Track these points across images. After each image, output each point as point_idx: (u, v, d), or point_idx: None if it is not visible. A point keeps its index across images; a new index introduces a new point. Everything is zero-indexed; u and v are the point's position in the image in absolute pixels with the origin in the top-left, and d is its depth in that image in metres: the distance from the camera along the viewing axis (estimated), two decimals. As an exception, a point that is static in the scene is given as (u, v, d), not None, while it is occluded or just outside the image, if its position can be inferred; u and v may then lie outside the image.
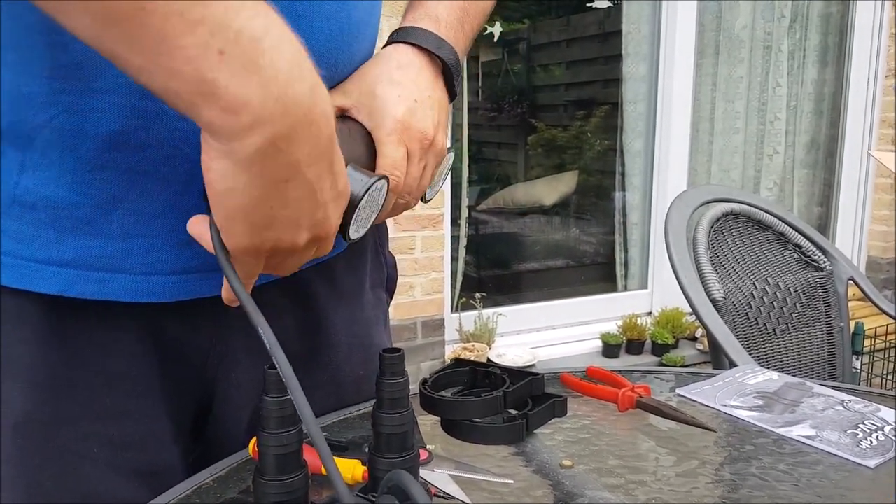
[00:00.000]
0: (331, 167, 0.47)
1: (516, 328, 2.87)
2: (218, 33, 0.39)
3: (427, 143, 0.62)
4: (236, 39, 0.39)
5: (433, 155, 0.63)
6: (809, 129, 3.43)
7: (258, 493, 0.48)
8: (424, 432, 0.63)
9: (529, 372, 0.63)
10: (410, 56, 0.63)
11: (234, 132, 0.42)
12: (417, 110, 0.61)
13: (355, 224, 0.55)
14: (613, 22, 3.07)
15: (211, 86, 0.40)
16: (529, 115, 3.61)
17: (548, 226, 3.60)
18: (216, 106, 0.40)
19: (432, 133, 0.62)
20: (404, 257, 2.51)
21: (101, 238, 0.55)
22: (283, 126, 0.42)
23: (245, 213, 0.45)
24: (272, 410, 0.47)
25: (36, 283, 0.55)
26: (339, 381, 0.71)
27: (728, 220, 1.56)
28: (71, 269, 0.55)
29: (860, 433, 0.66)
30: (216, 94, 0.40)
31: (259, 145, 0.42)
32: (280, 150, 0.43)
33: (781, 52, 3.24)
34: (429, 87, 0.63)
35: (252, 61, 0.40)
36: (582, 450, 0.64)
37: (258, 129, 0.42)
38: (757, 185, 3.35)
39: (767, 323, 1.52)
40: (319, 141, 0.45)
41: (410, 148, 0.61)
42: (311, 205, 0.47)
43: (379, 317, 0.77)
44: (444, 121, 0.64)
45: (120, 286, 0.56)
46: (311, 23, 0.57)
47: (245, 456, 0.61)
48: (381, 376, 0.51)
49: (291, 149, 0.43)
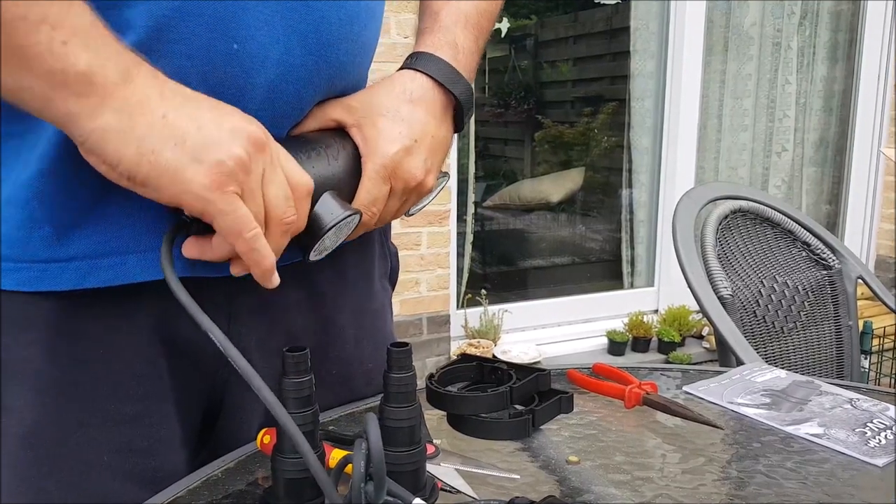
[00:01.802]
0: (197, 103, 0.49)
1: (522, 325, 2.86)
2: (58, 27, 0.43)
3: (413, 185, 0.62)
4: (74, 30, 0.44)
5: (416, 194, 0.64)
6: (818, 126, 3.41)
7: (276, 471, 0.50)
8: (431, 427, 0.63)
9: (536, 368, 0.63)
10: (424, 89, 0.63)
11: (92, 114, 0.45)
12: (413, 150, 0.61)
13: (317, 250, 0.57)
14: (621, 18, 3.06)
15: (60, 75, 0.43)
16: (536, 112, 3.60)
17: (554, 222, 3.60)
18: (69, 93, 0.44)
19: (421, 177, 0.62)
20: (410, 253, 2.51)
21: (103, 223, 0.54)
22: (130, 89, 0.46)
23: (159, 167, 0.47)
24: (290, 391, 0.49)
25: (44, 282, 0.54)
26: (350, 373, 0.71)
27: (736, 217, 1.55)
28: (80, 262, 0.54)
29: (868, 432, 0.66)
30: (66, 81, 0.44)
31: (117, 112, 0.46)
32: (139, 104, 0.46)
33: (791, 49, 3.22)
34: (434, 125, 0.63)
35: (94, 38, 0.45)
36: (588, 446, 0.64)
37: (110, 101, 0.45)
38: (765, 183, 3.34)
39: (775, 321, 1.52)
40: (167, 88, 0.48)
41: (395, 187, 0.61)
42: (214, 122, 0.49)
43: (386, 307, 0.77)
44: (440, 162, 0.65)
45: (133, 267, 0.55)
46: (322, 11, 0.57)
47: (253, 448, 0.61)
48: (389, 370, 0.51)
49: (148, 102, 0.47)
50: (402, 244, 2.49)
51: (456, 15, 0.66)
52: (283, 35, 0.55)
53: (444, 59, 0.64)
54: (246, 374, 0.46)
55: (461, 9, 0.67)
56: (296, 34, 0.56)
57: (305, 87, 0.58)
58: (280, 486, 0.50)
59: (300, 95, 0.58)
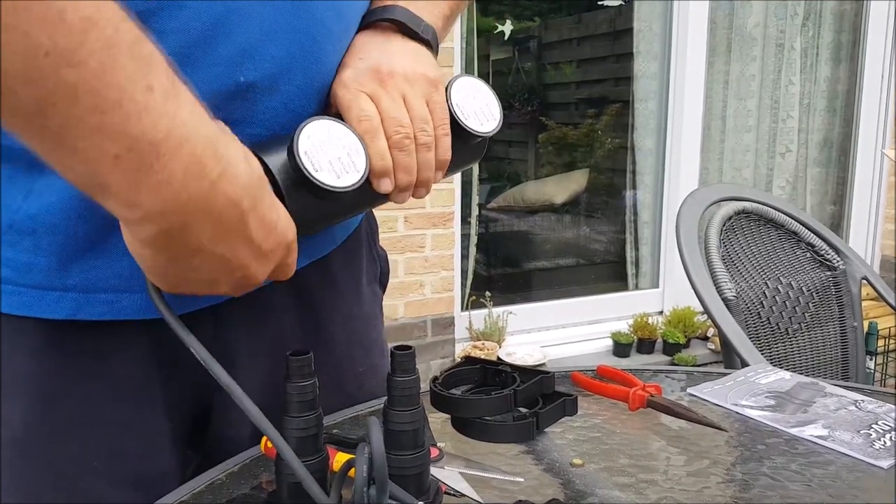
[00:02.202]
0: (247, 239, 0.47)
1: (526, 327, 2.86)
2: (116, 140, 0.39)
3: (384, 74, 0.57)
4: (131, 146, 0.39)
5: (404, 81, 0.57)
6: (822, 127, 3.40)
7: (280, 475, 0.50)
8: (435, 430, 0.63)
9: (540, 370, 0.63)
10: (371, 34, 0.60)
11: (129, 221, 0.45)
12: (360, 64, 0.57)
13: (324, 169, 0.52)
14: (625, 20, 3.06)
15: (104, 187, 0.41)
16: (540, 114, 3.60)
17: (558, 224, 3.60)
18: (111, 200, 0.42)
19: (385, 65, 0.57)
20: (414, 255, 2.51)
21: (105, 259, 0.54)
22: (177, 221, 0.43)
23: (157, 275, 0.49)
24: (293, 395, 0.49)
25: (40, 309, 0.54)
26: (340, 379, 0.70)
27: (740, 218, 1.55)
28: (77, 294, 0.54)
29: (873, 433, 0.66)
30: (109, 192, 0.41)
31: (155, 233, 0.44)
32: (175, 238, 0.45)
33: (794, 49, 3.22)
34: (391, 43, 0.59)
35: (147, 165, 0.40)
36: (592, 448, 0.64)
37: (151, 223, 0.44)
38: (769, 184, 3.33)
39: (780, 322, 1.52)
40: (222, 225, 0.45)
41: (367, 90, 0.56)
42: (225, 270, 0.49)
43: (376, 313, 0.77)
44: (410, 56, 0.59)
45: (128, 305, 0.55)
46: (315, 13, 0.56)
47: (257, 452, 0.61)
48: (393, 373, 0.51)
49: (189, 236, 0.45)
50: (406, 246, 2.49)
51: None
52: (286, 63, 0.55)
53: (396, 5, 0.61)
54: (228, 387, 0.47)
55: None
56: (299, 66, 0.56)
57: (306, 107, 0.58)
58: (284, 491, 0.50)
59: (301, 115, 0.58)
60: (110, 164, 0.39)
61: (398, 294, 2.49)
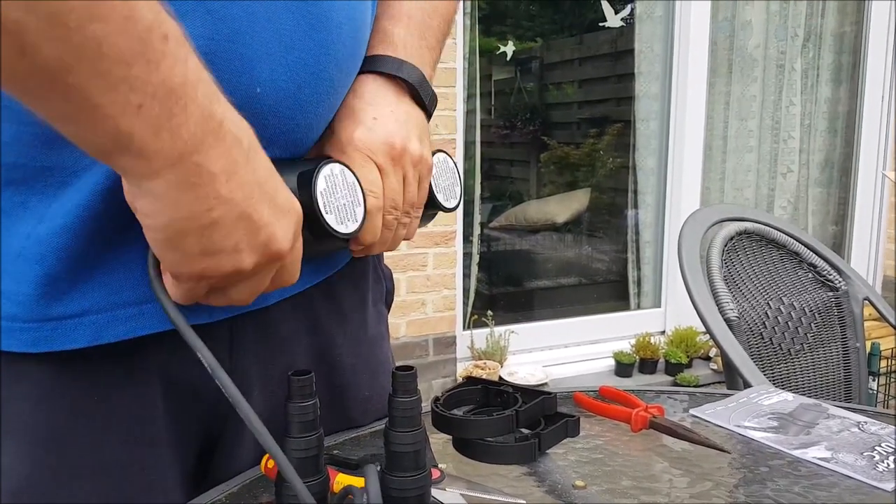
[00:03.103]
0: (262, 188, 0.47)
1: (528, 346, 2.86)
2: (140, 90, 0.39)
3: (396, 153, 0.60)
4: (154, 93, 0.40)
5: (410, 164, 0.61)
6: (823, 147, 3.41)
7: (280, 496, 0.50)
8: (436, 451, 0.63)
9: (542, 391, 0.63)
10: (368, 83, 0.62)
11: (144, 175, 0.43)
12: (376, 127, 0.60)
13: (331, 213, 0.54)
14: (626, 41, 3.08)
15: (126, 138, 0.41)
16: (542, 133, 3.62)
17: (560, 243, 3.60)
18: (128, 154, 0.42)
19: (399, 142, 0.60)
20: (416, 274, 2.51)
21: (119, 272, 0.53)
22: (192, 163, 0.43)
23: (175, 244, 0.46)
24: (295, 415, 0.49)
25: (56, 342, 0.52)
26: (346, 402, 0.70)
27: (742, 238, 1.55)
28: (95, 315, 0.52)
29: (876, 456, 0.66)
30: (129, 144, 0.41)
31: (170, 185, 0.43)
32: (195, 184, 0.44)
33: (795, 70, 3.24)
34: (391, 103, 0.62)
35: (167, 111, 0.41)
36: (595, 470, 0.64)
37: (169, 172, 0.43)
38: (771, 204, 3.34)
39: (782, 343, 1.51)
40: (238, 167, 0.45)
41: (379, 162, 0.59)
42: (246, 228, 0.47)
43: (382, 333, 0.76)
44: (416, 132, 0.62)
45: (151, 317, 0.54)
46: (337, 26, 0.57)
47: (257, 473, 0.61)
48: (394, 394, 0.51)
49: (203, 178, 0.44)
50: (408, 265, 2.50)
51: (396, 17, 0.66)
52: (295, 69, 0.55)
53: (381, 54, 0.63)
54: (234, 399, 0.46)
55: (403, 9, 0.66)
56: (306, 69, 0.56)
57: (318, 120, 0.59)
58: (285, 511, 0.50)
59: (312, 127, 0.59)
60: (133, 114, 0.40)
61: (400, 313, 2.49)
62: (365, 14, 0.62)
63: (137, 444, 0.57)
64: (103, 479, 0.56)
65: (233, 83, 0.50)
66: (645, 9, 2.97)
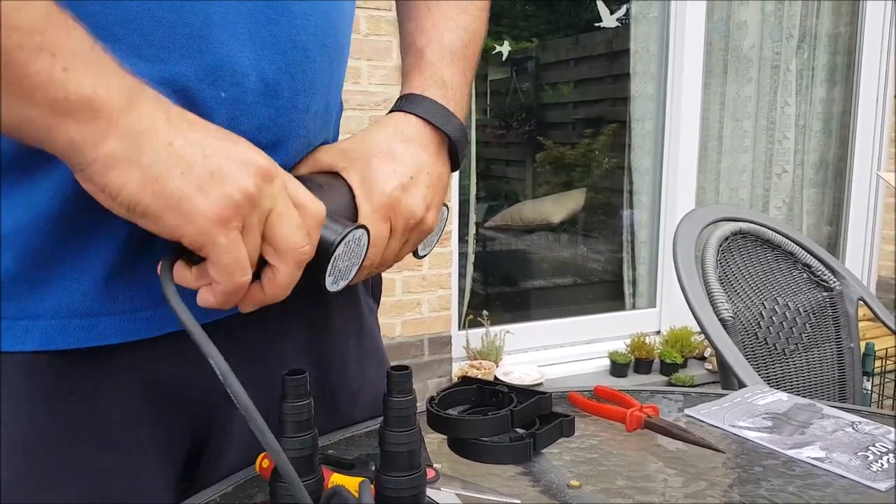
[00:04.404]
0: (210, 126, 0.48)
1: (524, 346, 2.86)
2: (58, 54, 0.41)
3: (413, 223, 0.61)
4: (74, 55, 0.42)
5: (418, 233, 0.62)
6: (818, 148, 3.42)
7: (274, 496, 0.50)
8: (431, 451, 0.63)
9: (537, 391, 0.63)
10: (416, 128, 0.62)
11: (97, 141, 0.43)
12: (411, 188, 0.60)
13: (332, 275, 0.54)
14: (621, 41, 3.09)
15: (63, 103, 0.41)
16: (537, 133, 3.62)
17: (556, 243, 3.60)
18: (73, 118, 0.42)
19: (421, 213, 0.61)
20: (412, 274, 2.51)
21: (80, 280, 0.52)
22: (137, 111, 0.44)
23: (167, 194, 0.45)
24: (289, 415, 0.49)
25: (11, 341, 0.51)
26: (335, 396, 0.70)
27: (737, 239, 1.55)
28: (48, 321, 0.52)
29: (871, 455, 0.66)
30: (69, 109, 0.42)
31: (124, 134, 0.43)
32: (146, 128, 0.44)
33: (790, 71, 3.24)
34: (430, 162, 0.62)
35: (95, 63, 0.43)
36: (590, 470, 0.64)
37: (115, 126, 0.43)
38: (766, 205, 3.35)
39: (777, 343, 1.51)
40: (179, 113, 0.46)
41: (395, 225, 0.60)
42: (221, 151, 0.46)
43: (372, 326, 0.77)
44: (440, 199, 0.63)
45: (106, 328, 0.53)
46: (302, 18, 0.57)
47: (252, 473, 0.61)
48: (389, 394, 0.51)
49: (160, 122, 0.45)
50: (403, 265, 2.49)
51: (440, 52, 0.65)
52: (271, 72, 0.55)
53: (434, 100, 0.63)
54: (234, 393, 0.46)
55: (445, 44, 0.66)
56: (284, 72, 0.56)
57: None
58: (279, 511, 0.50)
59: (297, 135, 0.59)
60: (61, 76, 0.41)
61: (395, 313, 2.48)
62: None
63: (120, 448, 0.56)
64: (84, 484, 0.55)
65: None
66: (640, 9, 2.98)
